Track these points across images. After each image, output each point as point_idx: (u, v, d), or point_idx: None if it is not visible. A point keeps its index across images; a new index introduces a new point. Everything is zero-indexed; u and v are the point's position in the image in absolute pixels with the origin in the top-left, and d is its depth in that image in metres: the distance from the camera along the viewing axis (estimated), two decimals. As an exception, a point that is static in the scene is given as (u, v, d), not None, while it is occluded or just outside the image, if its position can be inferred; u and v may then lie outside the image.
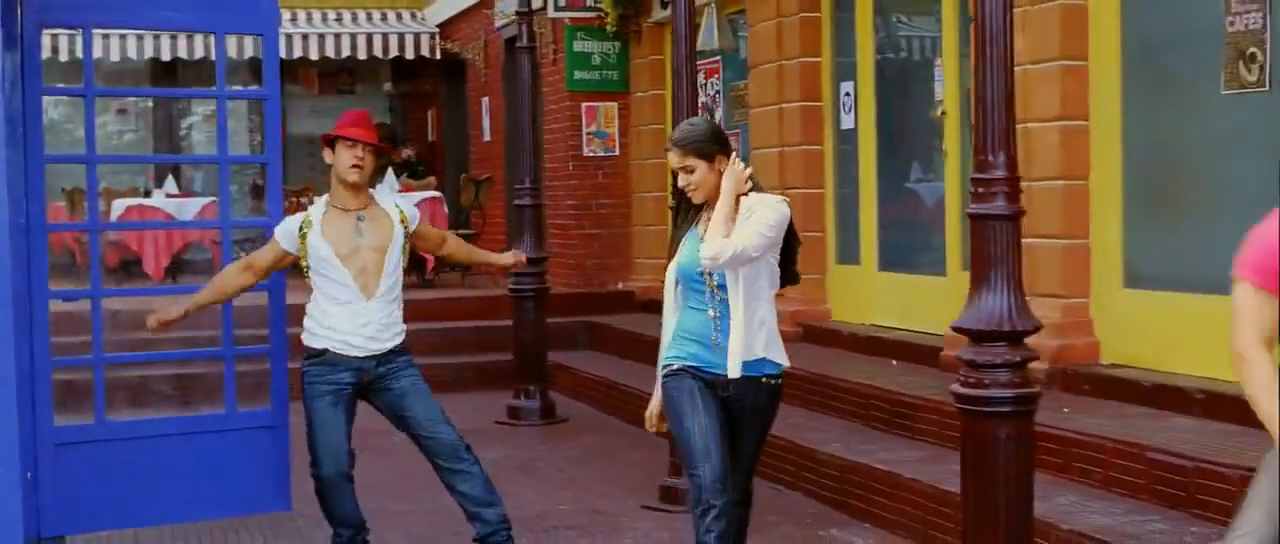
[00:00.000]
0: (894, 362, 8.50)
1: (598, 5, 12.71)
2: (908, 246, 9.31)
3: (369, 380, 5.50)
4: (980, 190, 4.60)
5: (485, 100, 15.60)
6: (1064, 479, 6.06)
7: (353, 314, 5.44)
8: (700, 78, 10.92)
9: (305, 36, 16.66)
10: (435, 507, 6.61)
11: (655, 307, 6.45)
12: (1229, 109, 6.50)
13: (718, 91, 11.64)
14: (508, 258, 6.62)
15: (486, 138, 15.65)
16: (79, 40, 10.04)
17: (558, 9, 12.74)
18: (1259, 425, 3.50)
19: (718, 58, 11.44)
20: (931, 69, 8.74)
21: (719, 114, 11.51)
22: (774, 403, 4.83)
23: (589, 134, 13.09)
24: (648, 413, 4.95)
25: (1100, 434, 6.05)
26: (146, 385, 8.97)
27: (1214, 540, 5.06)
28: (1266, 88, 6.24)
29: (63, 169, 13.74)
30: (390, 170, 14.22)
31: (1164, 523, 5.37)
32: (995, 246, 4.55)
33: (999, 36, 4.62)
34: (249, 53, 13.87)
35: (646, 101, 12.81)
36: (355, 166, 5.53)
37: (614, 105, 13.11)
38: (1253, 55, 6.31)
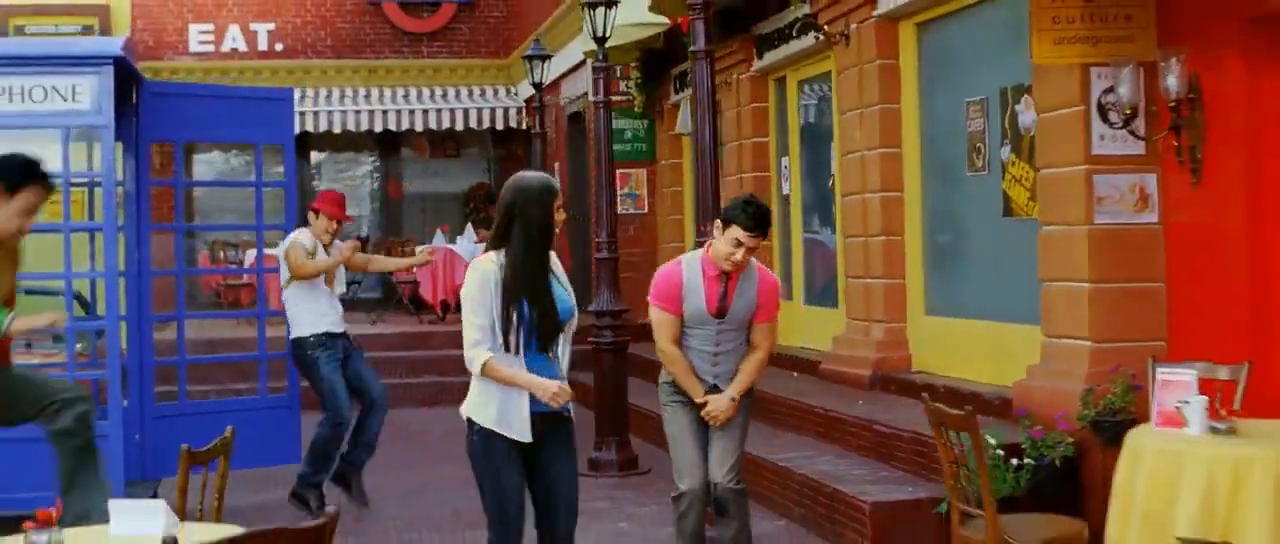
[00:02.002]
0: (794, 375, 11.09)
1: (628, 91, 15.54)
2: (823, 288, 11.91)
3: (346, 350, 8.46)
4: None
5: (556, 164, 18.53)
6: (828, 444, 8.68)
7: (332, 306, 8.39)
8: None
9: (412, 112, 19.84)
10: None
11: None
12: (971, 186, 9.05)
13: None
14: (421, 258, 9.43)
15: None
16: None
17: (597, 94, 15.56)
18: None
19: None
20: (828, 149, 11.36)
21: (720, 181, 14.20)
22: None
23: (622, 196, 15.90)
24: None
25: (856, 417, 8.61)
26: (207, 375, 12.00)
27: (886, 478, 7.64)
28: (986, 171, 8.80)
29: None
30: (469, 223, 17.24)
31: (865, 470, 7.94)
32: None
33: (707, 151, 7.31)
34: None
35: (668, 168, 15.59)
36: (326, 231, 8.48)
37: (643, 172, 15.92)
38: (978, 148, 8.88)
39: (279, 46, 20.83)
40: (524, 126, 19.99)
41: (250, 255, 16.97)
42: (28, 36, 18.47)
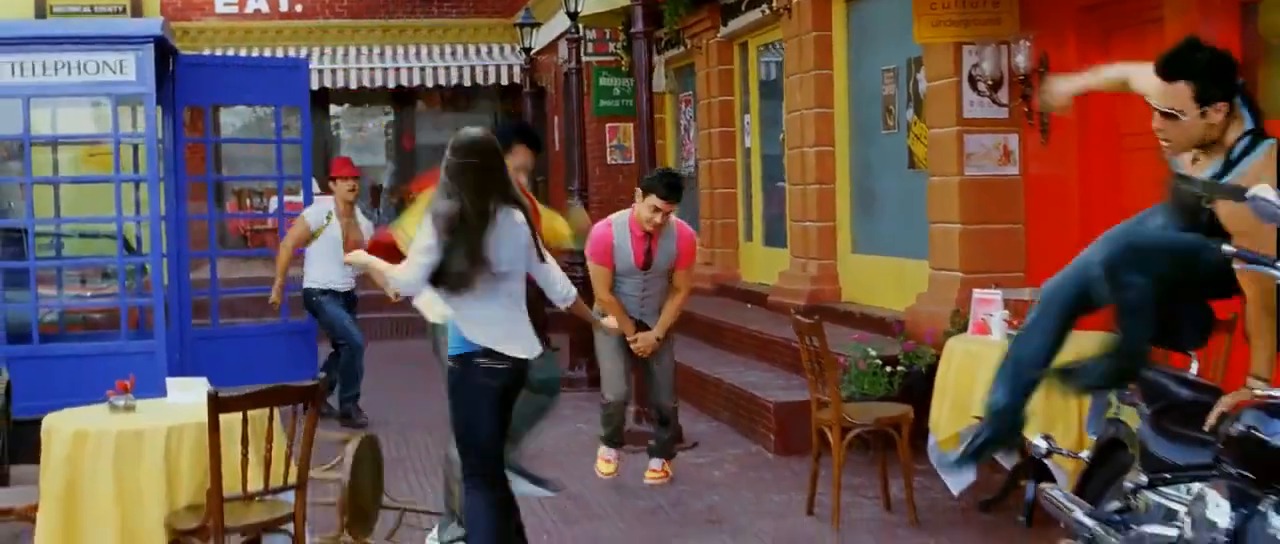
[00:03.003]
0: (748, 306, 12.66)
1: (617, 52, 17.03)
2: (777, 230, 13.44)
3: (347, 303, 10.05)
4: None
5: (556, 118, 20.05)
6: (759, 362, 10.26)
7: (342, 271, 9.95)
8: (682, 108, 15.31)
9: (424, 69, 21.37)
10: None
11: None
12: (885, 142, 10.56)
13: (691, 119, 15.86)
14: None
15: (557, 147, 20.10)
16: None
17: (588, 54, 17.07)
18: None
19: (690, 93, 15.68)
20: (780, 108, 12.86)
21: (692, 135, 15.74)
22: None
23: (611, 147, 17.45)
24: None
25: (783, 338, 10.15)
26: (236, 306, 13.53)
27: (796, 386, 9.19)
28: (896, 130, 10.31)
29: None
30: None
31: (781, 381, 9.50)
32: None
33: (645, 121, 8.85)
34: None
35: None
36: (346, 192, 9.99)
37: (630, 125, 17.43)
38: (890, 110, 10.38)
39: (299, 7, 22.35)
40: (526, 85, 21.48)
41: (273, 202, 18.60)
42: (60, 14, 19.98)
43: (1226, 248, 4.10)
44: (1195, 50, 4.25)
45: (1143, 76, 4.51)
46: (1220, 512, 4.22)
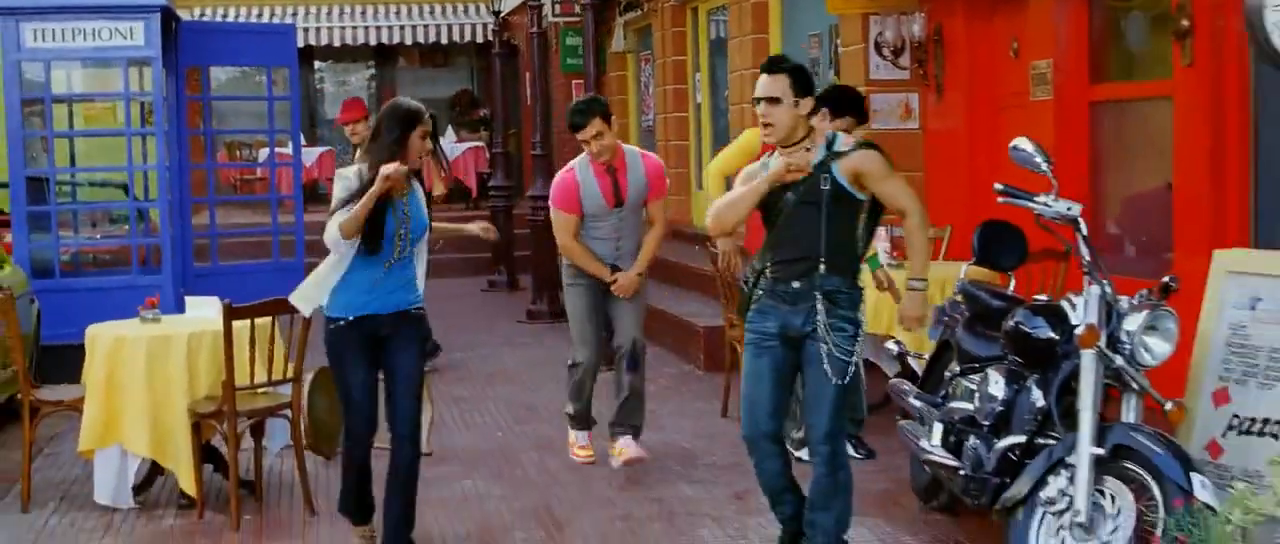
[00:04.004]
0: (696, 246, 13.92)
1: (580, 12, 18.22)
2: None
3: None
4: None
5: (527, 75, 21.27)
6: (701, 294, 11.57)
7: None
8: (642, 66, 16.59)
9: (403, 27, 22.57)
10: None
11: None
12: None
13: (650, 76, 17.11)
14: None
15: (528, 103, 21.35)
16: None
17: (555, 15, 18.29)
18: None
19: (649, 52, 16.93)
20: (726, 64, 14.13)
21: (650, 92, 17.00)
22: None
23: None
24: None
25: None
26: (232, 248, 14.74)
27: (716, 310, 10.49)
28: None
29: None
30: (450, 126, 20.05)
31: (717, 311, 10.79)
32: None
33: (592, 82, 10.11)
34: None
35: (615, 79, 18.34)
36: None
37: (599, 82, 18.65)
38: (816, 72, 11.65)
39: (285, -32, 23.52)
40: (496, 44, 22.71)
41: (262, 153, 19.82)
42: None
43: (997, 185, 5.41)
44: (785, 59, 5.49)
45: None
46: (998, 387, 5.56)
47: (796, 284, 5.33)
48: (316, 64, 24.37)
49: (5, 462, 7.77)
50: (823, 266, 5.29)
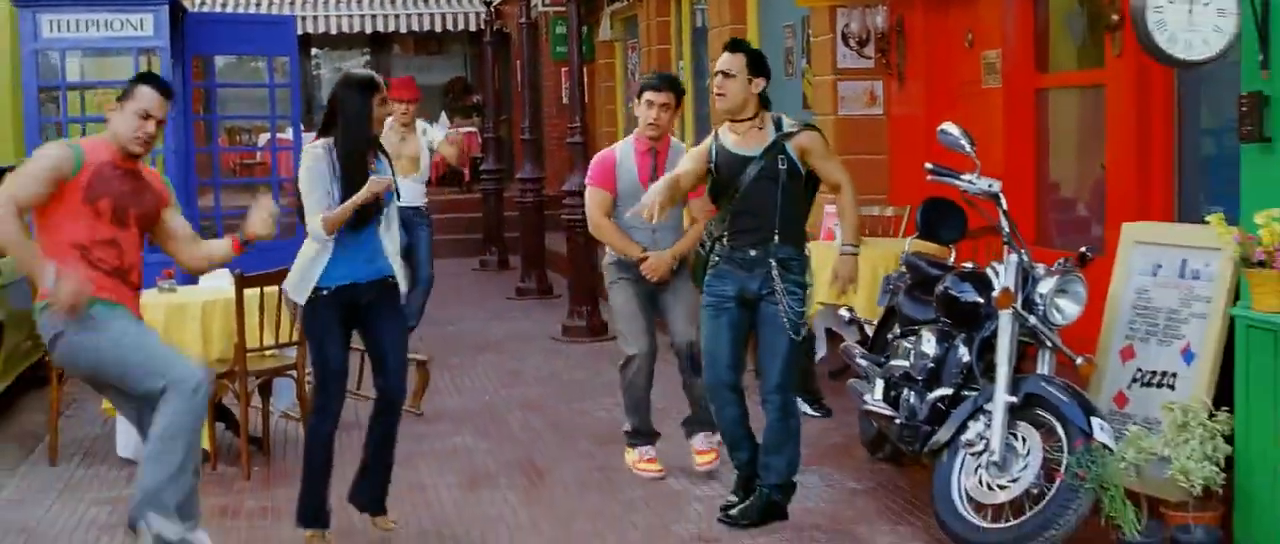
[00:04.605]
0: (679, 228, 14.58)
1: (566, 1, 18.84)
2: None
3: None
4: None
5: (518, 63, 21.91)
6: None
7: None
8: (629, 54, 17.21)
9: (398, 16, 23.19)
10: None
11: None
12: (787, 87, 12.46)
13: (636, 64, 17.74)
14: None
15: (519, 89, 21.98)
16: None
17: (544, 5, 18.93)
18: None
19: (635, 41, 17.56)
20: (706, 56, 14.74)
21: (636, 79, 17.62)
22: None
23: (566, 89, 19.28)
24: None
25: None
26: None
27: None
28: (795, 76, 12.23)
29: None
30: (443, 112, 20.69)
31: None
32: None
33: (577, 69, 10.74)
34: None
35: (604, 67, 18.98)
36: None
37: (583, 70, 19.27)
38: (790, 60, 12.30)
39: (283, -42, 24.12)
40: (488, 34, 23.35)
41: (263, 138, 20.46)
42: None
43: (927, 165, 6.06)
44: (745, 42, 6.22)
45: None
46: (930, 346, 6.22)
47: (753, 252, 6.01)
48: (313, 51, 24.99)
49: (31, 423, 8.43)
50: (777, 236, 5.97)
